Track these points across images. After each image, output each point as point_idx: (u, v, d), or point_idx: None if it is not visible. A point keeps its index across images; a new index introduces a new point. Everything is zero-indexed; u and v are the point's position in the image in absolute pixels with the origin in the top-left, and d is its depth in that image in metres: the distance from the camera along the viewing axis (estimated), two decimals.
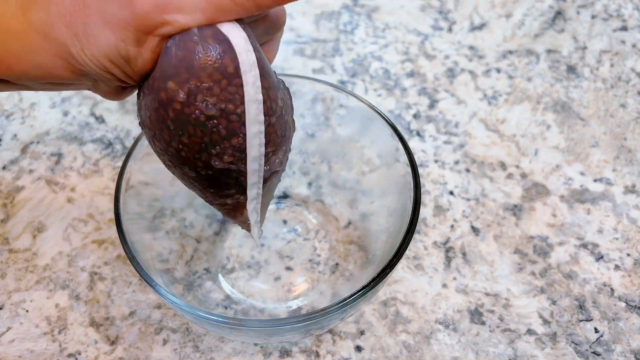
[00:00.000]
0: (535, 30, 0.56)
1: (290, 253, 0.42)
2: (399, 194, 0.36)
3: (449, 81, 0.52)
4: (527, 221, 0.44)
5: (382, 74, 0.53)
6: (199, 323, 0.32)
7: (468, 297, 0.40)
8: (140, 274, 0.30)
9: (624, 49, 0.54)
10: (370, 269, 0.37)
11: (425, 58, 0.54)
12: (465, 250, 0.42)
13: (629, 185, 0.46)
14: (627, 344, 0.38)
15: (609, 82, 0.52)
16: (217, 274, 0.41)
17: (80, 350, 0.38)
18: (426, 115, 0.50)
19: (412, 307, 0.40)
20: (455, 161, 0.47)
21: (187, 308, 0.30)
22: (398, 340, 0.39)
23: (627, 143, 0.48)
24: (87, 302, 0.40)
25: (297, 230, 0.43)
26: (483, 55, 0.54)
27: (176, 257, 0.40)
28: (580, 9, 0.57)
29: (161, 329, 0.39)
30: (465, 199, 0.45)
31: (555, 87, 0.52)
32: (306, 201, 0.44)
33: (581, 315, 0.40)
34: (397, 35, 0.56)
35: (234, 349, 0.38)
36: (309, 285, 0.41)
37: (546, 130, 0.49)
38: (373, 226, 0.41)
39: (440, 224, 0.44)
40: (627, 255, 0.42)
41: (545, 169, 0.47)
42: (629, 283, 0.41)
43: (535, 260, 0.42)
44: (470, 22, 0.57)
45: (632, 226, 0.44)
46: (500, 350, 0.38)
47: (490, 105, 0.51)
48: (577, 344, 0.38)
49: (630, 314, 0.40)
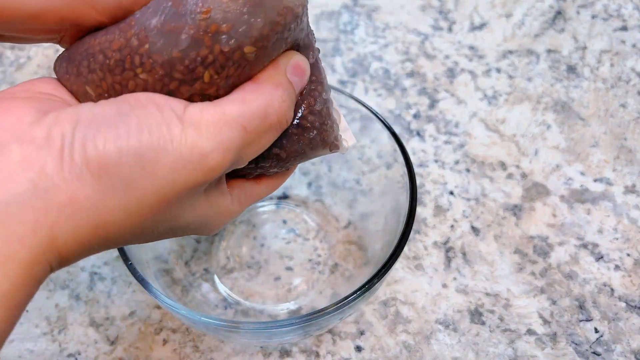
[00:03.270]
0: (536, 30, 0.56)
1: (290, 253, 0.42)
2: (397, 194, 0.36)
3: (449, 81, 0.52)
4: (527, 221, 0.44)
5: (382, 73, 0.53)
6: (196, 326, 0.32)
7: (468, 297, 0.40)
8: (135, 277, 0.30)
9: (624, 49, 0.54)
10: (369, 269, 0.37)
11: (425, 58, 0.54)
12: (466, 250, 0.42)
13: (629, 185, 0.46)
14: (627, 344, 0.38)
15: (609, 82, 0.52)
16: (217, 275, 0.41)
17: (80, 350, 0.38)
18: (426, 115, 0.50)
19: (412, 307, 0.40)
20: (456, 161, 0.47)
21: (184, 311, 0.30)
22: (398, 341, 0.39)
23: (627, 143, 0.48)
24: (87, 302, 0.40)
25: (297, 230, 0.43)
26: (483, 55, 0.54)
27: (175, 258, 0.40)
28: (581, 9, 0.57)
29: (161, 329, 0.39)
30: (466, 199, 0.45)
31: (555, 87, 0.52)
32: (306, 201, 0.44)
33: (581, 316, 0.40)
34: (397, 35, 0.56)
35: (234, 349, 0.38)
36: (309, 286, 0.41)
37: (546, 130, 0.49)
38: (372, 226, 0.41)
39: (441, 224, 0.44)
40: (627, 255, 0.42)
41: (546, 169, 0.47)
42: (629, 283, 0.41)
43: (536, 260, 0.42)
44: (470, 22, 0.56)
45: (632, 226, 0.44)
46: (500, 351, 0.38)
47: (491, 105, 0.51)
48: (577, 344, 0.38)
49: (630, 314, 0.40)
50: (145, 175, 0.21)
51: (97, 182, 0.20)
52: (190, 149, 0.21)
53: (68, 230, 0.21)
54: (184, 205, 0.23)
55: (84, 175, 0.20)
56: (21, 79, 0.51)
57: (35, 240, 0.20)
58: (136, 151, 0.21)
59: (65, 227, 0.20)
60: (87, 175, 0.20)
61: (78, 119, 0.21)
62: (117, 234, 0.22)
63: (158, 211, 0.22)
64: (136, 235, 0.23)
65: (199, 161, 0.22)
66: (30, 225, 0.20)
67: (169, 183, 0.21)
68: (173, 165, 0.21)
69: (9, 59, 0.52)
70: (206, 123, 0.22)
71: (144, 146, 0.21)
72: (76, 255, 0.22)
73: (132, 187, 0.21)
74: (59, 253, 0.21)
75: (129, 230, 0.22)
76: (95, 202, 0.21)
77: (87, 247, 0.22)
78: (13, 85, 0.41)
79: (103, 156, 0.20)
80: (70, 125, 0.21)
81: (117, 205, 0.21)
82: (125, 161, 0.21)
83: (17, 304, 0.20)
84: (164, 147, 0.21)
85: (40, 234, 0.20)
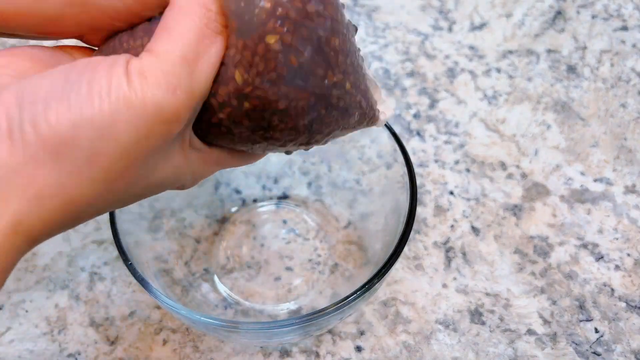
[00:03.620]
0: (536, 30, 0.56)
1: (290, 253, 0.42)
2: (397, 194, 0.36)
3: (449, 81, 0.52)
4: (527, 221, 0.44)
5: (382, 73, 0.53)
6: (196, 326, 0.32)
7: (468, 297, 0.40)
8: (135, 277, 0.30)
9: (624, 49, 0.54)
10: (369, 269, 0.37)
11: (425, 58, 0.54)
12: (466, 250, 0.42)
13: (629, 185, 0.46)
14: (627, 344, 0.38)
15: (609, 82, 0.52)
16: (216, 275, 0.41)
17: (80, 350, 0.38)
18: (426, 115, 0.50)
19: (412, 307, 0.40)
20: (456, 161, 0.47)
21: (184, 312, 0.30)
22: (398, 341, 0.39)
23: (627, 143, 0.48)
24: (86, 302, 0.40)
25: (297, 230, 0.43)
26: (483, 55, 0.54)
27: (175, 258, 0.40)
28: (581, 9, 0.57)
29: (161, 329, 0.39)
30: (466, 199, 0.45)
31: (555, 87, 0.52)
32: (306, 201, 0.44)
33: (581, 316, 0.40)
34: (397, 35, 0.56)
35: (234, 349, 0.38)
36: (309, 286, 0.41)
37: (546, 130, 0.49)
38: (372, 226, 0.41)
39: (441, 224, 0.44)
40: (627, 256, 0.42)
41: (546, 169, 0.47)
42: (629, 283, 0.41)
43: (536, 260, 0.42)
44: (470, 22, 0.56)
45: (632, 226, 0.44)
46: (500, 351, 0.38)
47: (491, 105, 0.51)
48: (577, 344, 0.38)
49: (630, 314, 0.40)
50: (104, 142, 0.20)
51: (56, 161, 0.19)
52: (143, 102, 0.20)
53: (33, 214, 0.20)
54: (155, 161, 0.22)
55: (41, 155, 0.19)
56: None
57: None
58: (92, 119, 0.19)
59: (29, 211, 0.20)
60: (44, 156, 0.19)
61: (23, 96, 0.20)
62: (89, 206, 0.21)
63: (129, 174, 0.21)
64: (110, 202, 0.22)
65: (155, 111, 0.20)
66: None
67: (132, 143, 0.20)
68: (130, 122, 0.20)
69: None
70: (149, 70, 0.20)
71: (97, 112, 0.19)
72: (47, 234, 0.21)
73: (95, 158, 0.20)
74: (27, 236, 0.20)
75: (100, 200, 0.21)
76: (57, 181, 0.20)
77: (58, 224, 0.21)
78: None
79: (58, 133, 0.19)
80: (15, 105, 0.19)
81: (82, 179, 0.20)
82: (82, 133, 0.19)
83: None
84: (117, 109, 0.20)
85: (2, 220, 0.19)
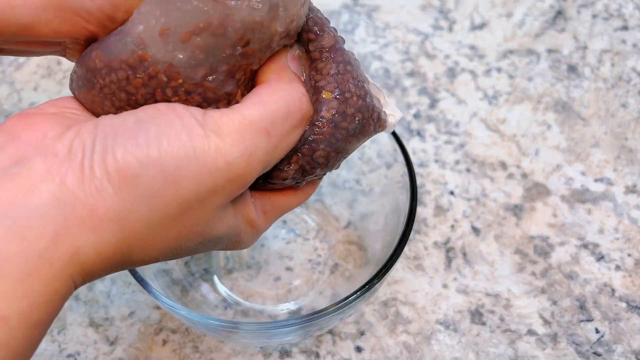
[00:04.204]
0: (536, 29, 0.56)
1: (289, 253, 0.42)
2: (398, 194, 0.36)
3: (450, 81, 0.52)
4: (528, 221, 0.44)
5: (382, 73, 0.53)
6: (196, 326, 0.32)
7: (468, 297, 0.40)
8: (134, 277, 0.30)
9: (624, 49, 0.54)
10: (370, 269, 0.37)
11: (425, 58, 0.54)
12: (466, 250, 0.42)
13: (629, 185, 0.46)
14: (628, 345, 0.38)
15: (609, 82, 0.52)
16: (216, 275, 0.41)
17: (79, 350, 0.38)
18: (426, 115, 0.50)
19: (413, 308, 0.40)
20: (456, 161, 0.47)
21: (184, 312, 0.29)
22: (398, 341, 0.38)
23: (627, 143, 0.48)
24: (86, 302, 0.40)
25: (297, 230, 0.43)
26: (483, 54, 0.54)
27: None
28: (581, 9, 0.57)
29: (161, 330, 0.39)
30: (466, 199, 0.45)
31: (555, 86, 0.52)
32: (306, 201, 0.44)
33: (582, 316, 0.40)
34: (398, 34, 0.56)
35: (234, 349, 0.38)
36: (309, 286, 0.41)
37: (547, 130, 0.49)
38: (373, 226, 0.41)
39: (441, 224, 0.44)
40: (627, 256, 0.42)
41: (546, 169, 0.47)
42: (629, 283, 0.41)
43: (536, 260, 0.42)
44: (470, 21, 0.56)
45: (633, 226, 0.44)
46: (500, 351, 0.38)
47: (491, 105, 0.51)
48: (577, 344, 0.38)
49: (631, 314, 0.40)
50: (166, 185, 0.20)
51: (117, 194, 0.20)
52: (214, 156, 0.20)
53: (90, 244, 0.20)
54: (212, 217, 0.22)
55: (105, 187, 0.20)
56: (20, 79, 0.51)
57: (56, 254, 0.19)
58: (156, 160, 0.20)
59: (87, 241, 0.20)
60: (107, 187, 0.20)
61: (97, 131, 0.21)
62: (140, 248, 0.21)
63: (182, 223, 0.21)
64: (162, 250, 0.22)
65: (225, 169, 0.21)
66: (50, 238, 0.19)
67: (192, 192, 0.21)
68: (196, 173, 0.20)
69: (8, 59, 0.52)
70: (228, 129, 0.21)
71: (164, 155, 0.20)
72: (100, 270, 0.21)
73: (153, 198, 0.20)
74: (82, 268, 0.20)
75: (152, 244, 0.21)
76: (116, 215, 0.20)
77: (111, 261, 0.21)
78: (14, 85, 0.41)
79: (123, 167, 0.20)
80: (90, 138, 0.20)
81: (139, 217, 0.20)
82: (145, 171, 0.20)
83: (37, 323, 0.19)
84: (185, 155, 0.20)
85: (62, 248, 0.19)
